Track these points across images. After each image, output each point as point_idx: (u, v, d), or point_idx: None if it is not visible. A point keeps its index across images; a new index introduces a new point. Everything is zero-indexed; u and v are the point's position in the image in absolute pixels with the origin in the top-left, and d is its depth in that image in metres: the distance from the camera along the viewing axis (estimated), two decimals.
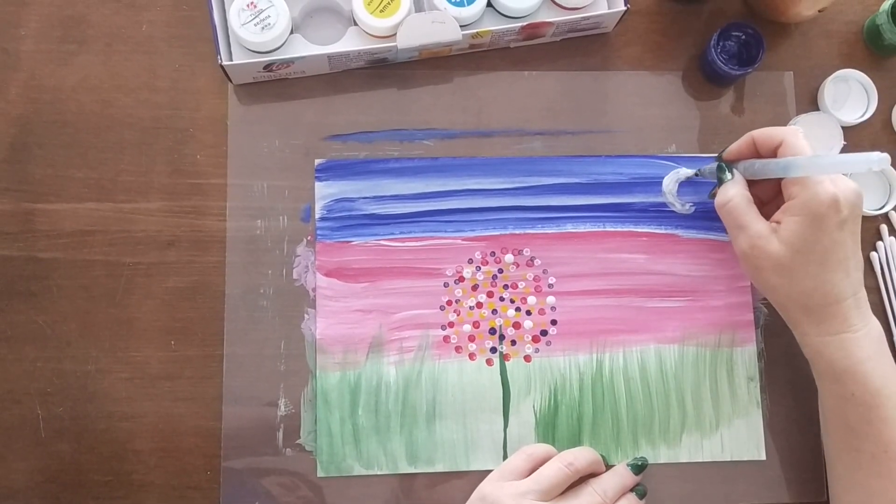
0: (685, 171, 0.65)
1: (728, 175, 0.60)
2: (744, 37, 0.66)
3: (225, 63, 0.61)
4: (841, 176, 0.56)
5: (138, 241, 0.64)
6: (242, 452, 0.62)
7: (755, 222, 0.57)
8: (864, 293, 0.57)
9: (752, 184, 0.60)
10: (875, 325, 0.58)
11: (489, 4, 0.64)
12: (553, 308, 0.65)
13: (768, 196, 0.61)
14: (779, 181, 0.58)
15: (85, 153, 0.65)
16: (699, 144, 0.68)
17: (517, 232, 0.66)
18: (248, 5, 0.61)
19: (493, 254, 0.65)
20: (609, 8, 0.66)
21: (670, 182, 0.65)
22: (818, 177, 0.55)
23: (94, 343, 0.63)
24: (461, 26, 0.63)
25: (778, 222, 0.57)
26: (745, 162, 0.60)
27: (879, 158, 0.51)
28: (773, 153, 0.58)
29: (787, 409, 0.64)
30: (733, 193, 0.59)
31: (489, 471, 0.60)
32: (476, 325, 0.64)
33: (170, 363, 0.63)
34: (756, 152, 0.60)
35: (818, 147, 0.67)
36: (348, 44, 0.64)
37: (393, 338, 0.63)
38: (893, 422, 0.55)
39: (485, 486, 0.58)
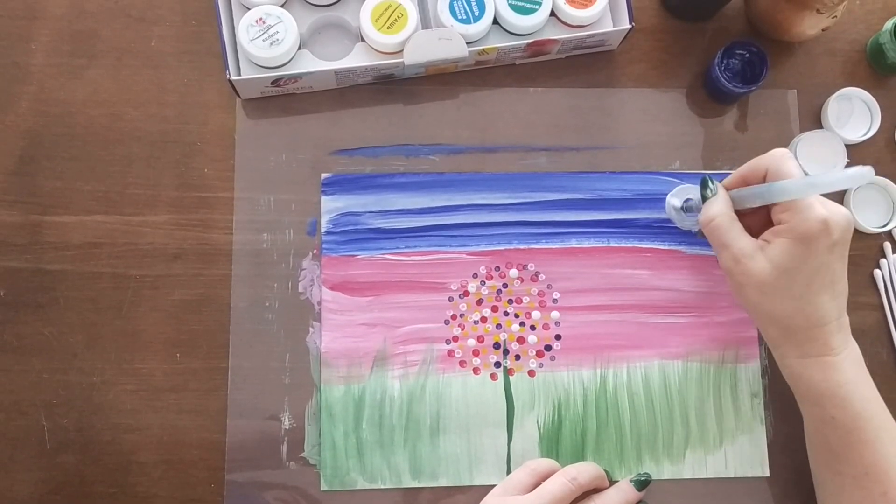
0: (688, 188, 0.65)
1: (710, 191, 0.59)
2: (748, 55, 0.67)
3: (233, 78, 0.62)
4: (831, 201, 0.55)
5: (145, 254, 0.64)
6: (246, 465, 0.62)
7: (738, 239, 0.57)
8: (846, 318, 0.57)
9: (742, 215, 0.59)
10: (854, 348, 0.57)
11: (495, 22, 0.65)
12: (557, 323, 0.65)
13: (759, 226, 0.59)
14: (768, 211, 0.57)
15: (93, 166, 0.65)
16: (703, 161, 0.68)
17: (522, 247, 0.66)
18: (256, 21, 0.62)
19: (497, 268, 0.65)
20: (614, 26, 0.66)
21: (674, 199, 0.65)
22: (807, 200, 0.54)
23: (100, 355, 0.63)
24: (467, 43, 0.63)
25: (766, 241, 0.56)
26: (734, 190, 0.59)
27: (861, 174, 0.50)
28: (762, 183, 0.57)
29: (791, 426, 0.64)
30: (716, 212, 0.58)
31: (493, 485, 0.60)
32: (480, 339, 0.64)
33: (175, 375, 0.63)
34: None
35: (821, 166, 0.67)
36: (355, 60, 0.64)
37: (397, 352, 0.64)
38: (874, 444, 0.55)
39: (488, 501, 0.58)
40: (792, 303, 0.56)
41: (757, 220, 0.59)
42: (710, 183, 0.60)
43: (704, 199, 0.60)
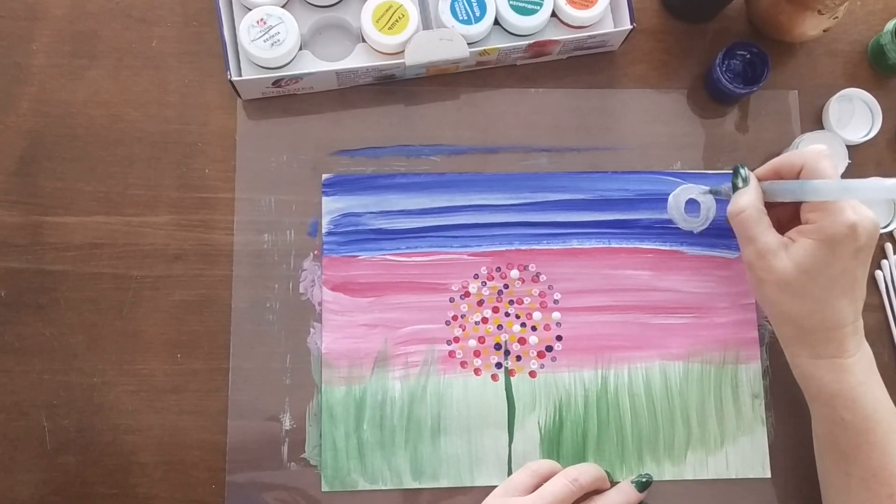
0: (691, 188, 0.65)
1: (741, 182, 0.59)
2: (749, 56, 0.67)
3: (234, 78, 0.62)
4: (861, 204, 0.55)
5: (146, 255, 0.64)
6: (247, 466, 0.62)
7: (765, 235, 0.57)
8: (861, 321, 0.57)
9: (771, 205, 0.58)
10: (867, 350, 0.57)
11: (496, 22, 0.65)
12: (558, 324, 0.65)
13: (788, 218, 0.59)
14: (798, 204, 0.57)
15: (94, 167, 0.65)
16: (704, 162, 0.68)
17: (523, 248, 0.66)
18: (257, 21, 0.62)
19: (498, 269, 0.65)
20: (615, 26, 0.66)
21: (676, 199, 0.65)
22: (839, 203, 0.54)
23: (101, 355, 0.63)
24: (468, 44, 0.63)
25: (791, 239, 0.56)
26: (765, 182, 0.59)
27: None
28: (796, 178, 0.57)
29: (792, 427, 0.64)
30: (746, 204, 0.57)
31: (494, 487, 0.60)
32: (481, 340, 0.64)
33: (176, 376, 0.63)
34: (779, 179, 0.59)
35: None
36: (356, 60, 0.64)
37: (398, 352, 0.64)
38: (883, 447, 0.55)
39: (489, 502, 0.58)
40: (810, 304, 0.55)
41: (785, 212, 0.58)
42: (741, 170, 0.59)
43: (735, 187, 0.59)
